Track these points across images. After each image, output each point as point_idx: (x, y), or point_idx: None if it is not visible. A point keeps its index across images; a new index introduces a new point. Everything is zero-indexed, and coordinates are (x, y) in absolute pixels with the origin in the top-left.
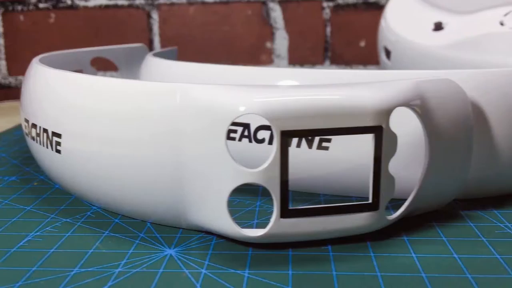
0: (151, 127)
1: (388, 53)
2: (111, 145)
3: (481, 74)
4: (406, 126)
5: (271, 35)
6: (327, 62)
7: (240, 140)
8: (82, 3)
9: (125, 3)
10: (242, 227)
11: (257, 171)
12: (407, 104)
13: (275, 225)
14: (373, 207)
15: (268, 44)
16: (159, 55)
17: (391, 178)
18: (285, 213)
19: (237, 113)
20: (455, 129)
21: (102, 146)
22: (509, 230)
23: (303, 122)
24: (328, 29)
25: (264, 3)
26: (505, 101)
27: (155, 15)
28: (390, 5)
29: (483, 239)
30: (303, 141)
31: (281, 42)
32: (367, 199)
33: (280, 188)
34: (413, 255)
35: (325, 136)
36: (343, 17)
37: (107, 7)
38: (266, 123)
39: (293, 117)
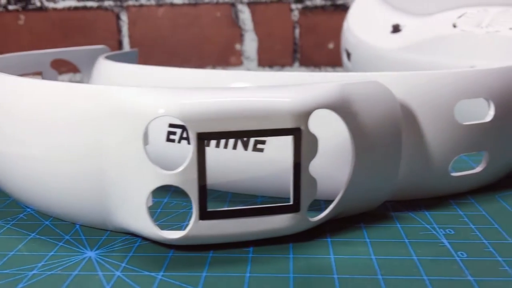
0: (71, 130)
1: (348, 55)
2: (32, 148)
3: (410, 76)
4: (336, 128)
5: (240, 37)
6: (296, 64)
7: (179, 142)
8: (51, 5)
9: (94, 4)
10: (172, 229)
11: (175, 173)
12: (328, 106)
13: (194, 227)
14: (294, 208)
15: (238, 46)
16: (116, 57)
17: (313, 180)
18: (204, 215)
19: (154, 115)
20: (383, 132)
21: (24, 149)
22: (434, 232)
23: (220, 125)
24: (297, 31)
25: (233, 5)
26: (434, 103)
27: (124, 17)
28: (353, 7)
29: (406, 240)
30: (239, 143)
31: (250, 44)
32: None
33: (198, 190)
34: (332, 256)
35: (242, 138)
36: (312, 19)
37: (76, 9)
38: None
39: (209, 119)
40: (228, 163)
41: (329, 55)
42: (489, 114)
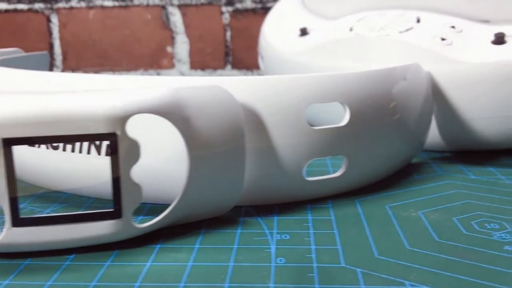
0: None
1: (262, 58)
2: None
3: (255, 81)
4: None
5: (171, 39)
6: (228, 67)
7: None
8: None
9: (25, 7)
10: None
11: None
12: (152, 111)
13: (8, 234)
14: (116, 215)
15: (169, 49)
16: (21, 60)
17: (135, 186)
18: (17, 221)
19: None
20: (223, 137)
21: None
22: (269, 237)
23: (29, 130)
24: (228, 34)
25: (164, 7)
26: (282, 107)
27: (54, 19)
28: (272, 11)
29: (235, 246)
30: (93, 148)
31: (181, 46)
32: (166, 206)
33: (8, 196)
34: (148, 264)
35: (54, 143)
36: (242, 22)
37: (7, 11)
38: None
39: (15, 124)
40: (83, 168)
41: None
42: (345, 118)
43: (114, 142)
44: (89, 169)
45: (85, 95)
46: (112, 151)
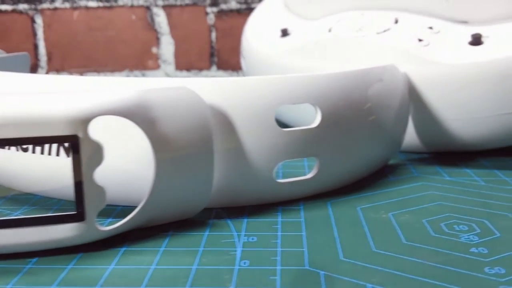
0: None
1: (244, 59)
2: None
3: (224, 82)
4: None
5: (156, 40)
6: (214, 68)
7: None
8: None
9: (9, 8)
10: None
11: None
12: (115, 113)
13: None
14: (79, 218)
15: (154, 49)
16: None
17: (99, 188)
18: None
19: None
20: (190, 139)
21: None
22: (236, 240)
23: None
24: (214, 35)
25: (148, 8)
26: (250, 109)
27: (39, 20)
28: (254, 13)
29: (201, 249)
30: (61, 150)
31: (167, 47)
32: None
33: None
34: (111, 267)
35: (16, 145)
36: (228, 22)
37: None
38: None
39: None
40: (51, 170)
41: None
42: (316, 120)
43: (76, 144)
44: (57, 171)
45: (47, 96)
46: (74, 153)
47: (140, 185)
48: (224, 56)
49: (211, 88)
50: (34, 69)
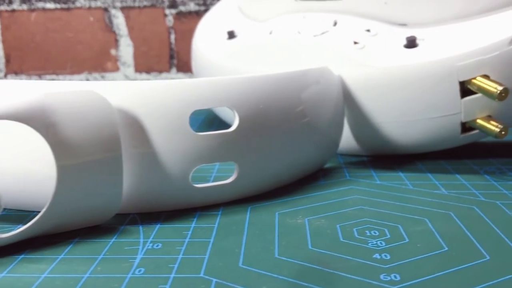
0: None
1: (193, 61)
2: None
3: (133, 85)
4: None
5: (115, 42)
6: (174, 70)
7: None
8: None
9: None
10: None
11: None
12: (11, 117)
13: None
14: None
15: (113, 51)
16: None
17: None
18: None
19: None
20: (95, 144)
21: None
22: (140, 246)
23: None
24: (173, 37)
25: (106, 10)
26: (162, 112)
27: None
28: (206, 15)
29: (100, 256)
30: None
31: (125, 49)
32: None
33: None
34: (2, 275)
35: None
36: (186, 24)
37: None
38: None
39: None
40: None
41: None
42: (234, 124)
43: None
44: None
45: None
46: None
47: (45, 190)
48: (183, 58)
49: (121, 92)
50: None
